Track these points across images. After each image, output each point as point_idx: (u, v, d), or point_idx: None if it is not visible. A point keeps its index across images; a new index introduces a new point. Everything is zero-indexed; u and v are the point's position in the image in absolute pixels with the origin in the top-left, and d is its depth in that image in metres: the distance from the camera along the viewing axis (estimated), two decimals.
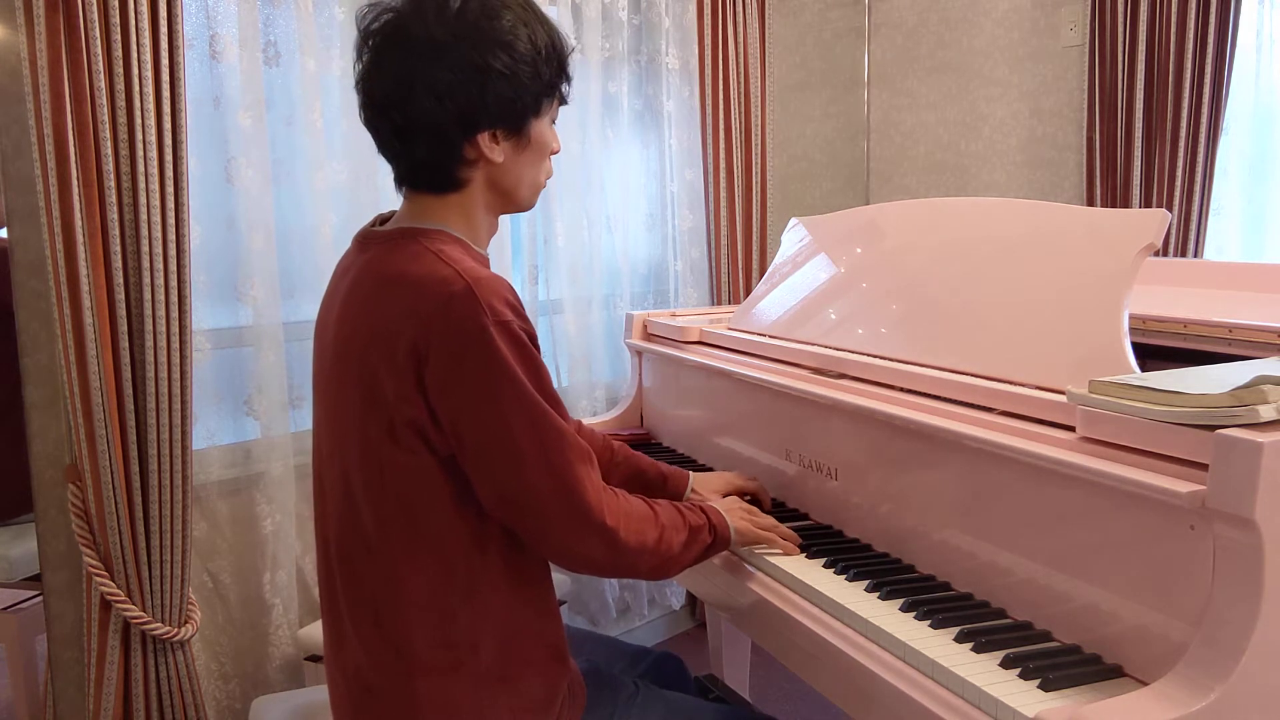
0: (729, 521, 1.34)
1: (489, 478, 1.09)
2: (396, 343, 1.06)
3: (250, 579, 2.08)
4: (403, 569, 1.12)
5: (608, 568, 1.19)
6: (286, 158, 2.09)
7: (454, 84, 1.08)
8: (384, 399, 1.07)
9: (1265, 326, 1.41)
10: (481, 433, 1.07)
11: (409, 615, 1.12)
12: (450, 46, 1.08)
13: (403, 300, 1.07)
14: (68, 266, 1.66)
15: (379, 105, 1.12)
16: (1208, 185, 2.41)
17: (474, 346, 1.04)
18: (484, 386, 1.05)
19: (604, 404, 2.71)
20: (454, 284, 1.05)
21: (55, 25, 1.60)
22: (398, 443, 1.08)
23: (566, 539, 1.13)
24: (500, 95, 1.11)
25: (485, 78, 1.09)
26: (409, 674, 1.13)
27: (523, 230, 2.56)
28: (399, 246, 1.13)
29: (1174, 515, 0.96)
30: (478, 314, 1.04)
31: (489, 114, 1.12)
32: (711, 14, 2.81)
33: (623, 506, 1.17)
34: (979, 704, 0.99)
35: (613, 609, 2.83)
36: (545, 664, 1.20)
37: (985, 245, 1.48)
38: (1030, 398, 1.19)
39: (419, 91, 1.08)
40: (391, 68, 1.10)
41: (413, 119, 1.10)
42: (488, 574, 1.14)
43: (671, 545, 1.22)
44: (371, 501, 1.12)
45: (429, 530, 1.11)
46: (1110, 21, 2.52)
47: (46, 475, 1.81)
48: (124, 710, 1.81)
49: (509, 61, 1.10)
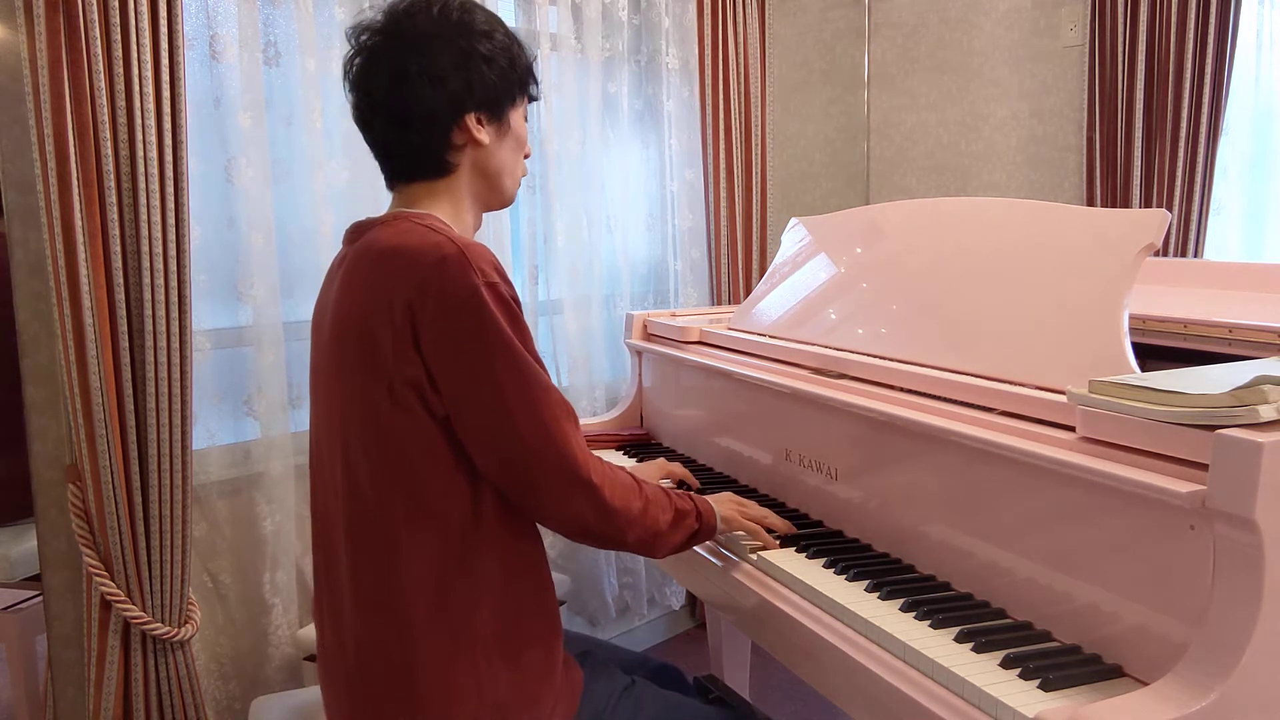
0: (715, 509, 1.38)
1: (480, 434, 1.13)
2: (394, 305, 1.10)
3: (250, 579, 2.08)
4: (401, 537, 1.14)
5: (596, 532, 1.21)
6: (286, 158, 2.09)
7: (445, 68, 1.19)
8: (384, 361, 1.11)
9: (1265, 326, 1.41)
10: (473, 388, 1.11)
11: (407, 586, 1.14)
12: (439, 37, 1.20)
13: (397, 266, 1.12)
14: (68, 266, 1.66)
15: (376, 97, 1.21)
16: (1208, 185, 2.41)
17: (467, 305, 1.09)
18: (475, 343, 1.10)
19: (604, 404, 2.70)
20: (446, 248, 1.11)
21: (55, 25, 1.60)
22: (397, 404, 1.12)
23: (555, 495, 1.17)
24: (485, 79, 1.22)
25: (472, 61, 1.21)
26: (407, 647, 1.14)
27: (523, 230, 2.55)
28: (389, 226, 1.20)
29: (1174, 515, 0.96)
30: (469, 275, 1.10)
31: (474, 97, 1.22)
32: (711, 14, 2.81)
33: (607, 469, 1.22)
34: (979, 704, 0.99)
35: (612, 609, 2.83)
36: (543, 642, 1.22)
37: (985, 245, 1.48)
38: (1030, 398, 1.19)
39: (414, 78, 1.18)
40: (387, 61, 1.20)
41: (408, 104, 1.19)
42: (484, 545, 1.16)
43: (658, 521, 1.26)
44: (371, 468, 1.14)
45: (426, 497, 1.14)
46: (1110, 21, 2.52)
47: (46, 475, 1.81)
48: (124, 710, 1.81)
49: (491, 48, 1.23)
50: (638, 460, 1.92)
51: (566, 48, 2.56)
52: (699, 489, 1.67)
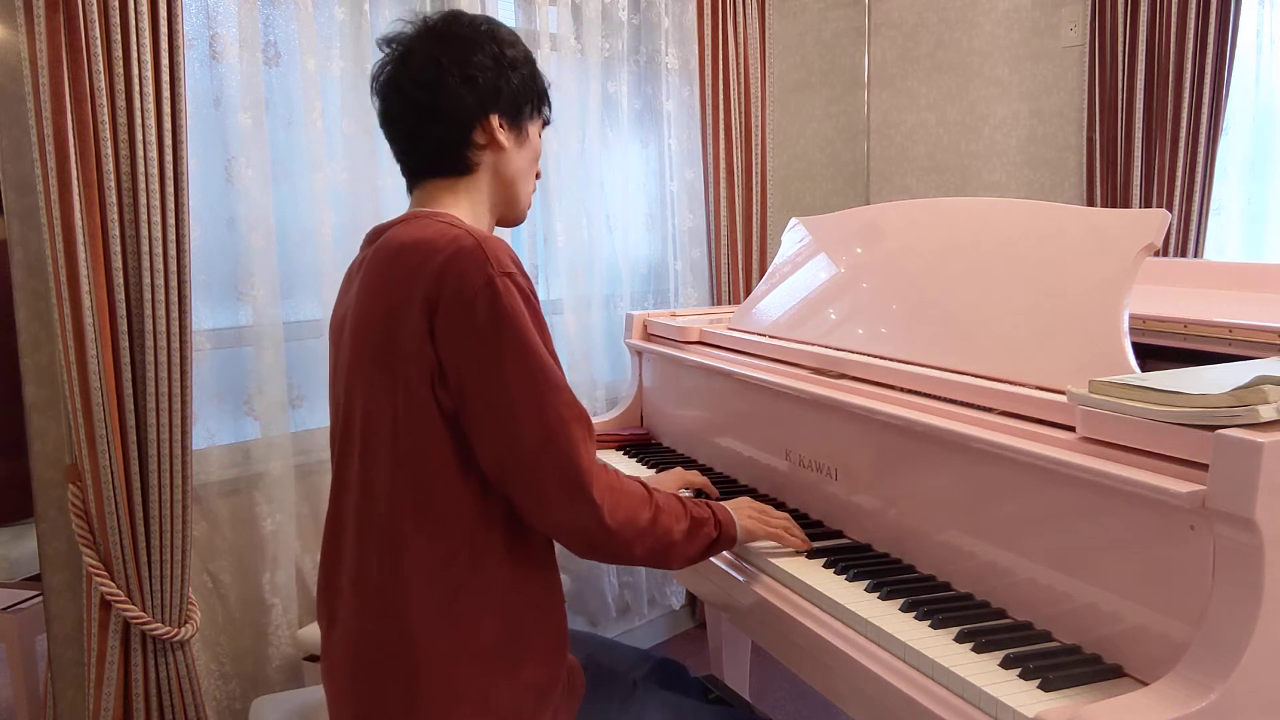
0: (736, 519, 1.34)
1: (483, 430, 1.11)
2: (413, 298, 1.10)
3: (250, 579, 2.08)
4: (410, 539, 1.13)
5: (602, 544, 1.17)
6: (286, 158, 2.09)
7: (480, 67, 1.23)
8: (403, 356, 1.11)
9: (1265, 326, 1.41)
10: (479, 380, 1.10)
11: (413, 588, 1.13)
12: (473, 40, 1.25)
13: (416, 260, 1.12)
14: (68, 266, 1.66)
15: (407, 91, 1.23)
16: (1208, 185, 2.42)
17: (482, 294, 1.08)
18: (488, 334, 1.09)
19: (604, 404, 2.71)
20: (464, 240, 1.11)
21: (55, 25, 1.60)
22: (411, 400, 1.11)
23: (557, 506, 1.13)
24: (511, 83, 1.26)
25: (501, 65, 1.25)
26: (410, 649, 1.13)
27: (523, 230, 2.56)
28: (408, 224, 1.20)
29: (1174, 515, 0.96)
30: (485, 265, 1.09)
31: (500, 99, 1.26)
32: (711, 14, 2.81)
33: (613, 482, 1.17)
34: (979, 704, 0.99)
35: (612, 609, 2.83)
36: (546, 649, 1.20)
37: (985, 245, 1.48)
38: (1030, 398, 1.19)
39: (448, 74, 1.22)
40: (422, 56, 1.23)
41: (438, 98, 1.22)
42: (492, 551, 1.15)
43: (670, 531, 1.21)
44: (386, 467, 1.14)
45: (436, 499, 1.13)
46: (1110, 21, 2.52)
47: (46, 475, 1.81)
48: (124, 710, 1.81)
49: (517, 56, 1.28)
50: (639, 461, 1.92)
51: (566, 48, 2.56)
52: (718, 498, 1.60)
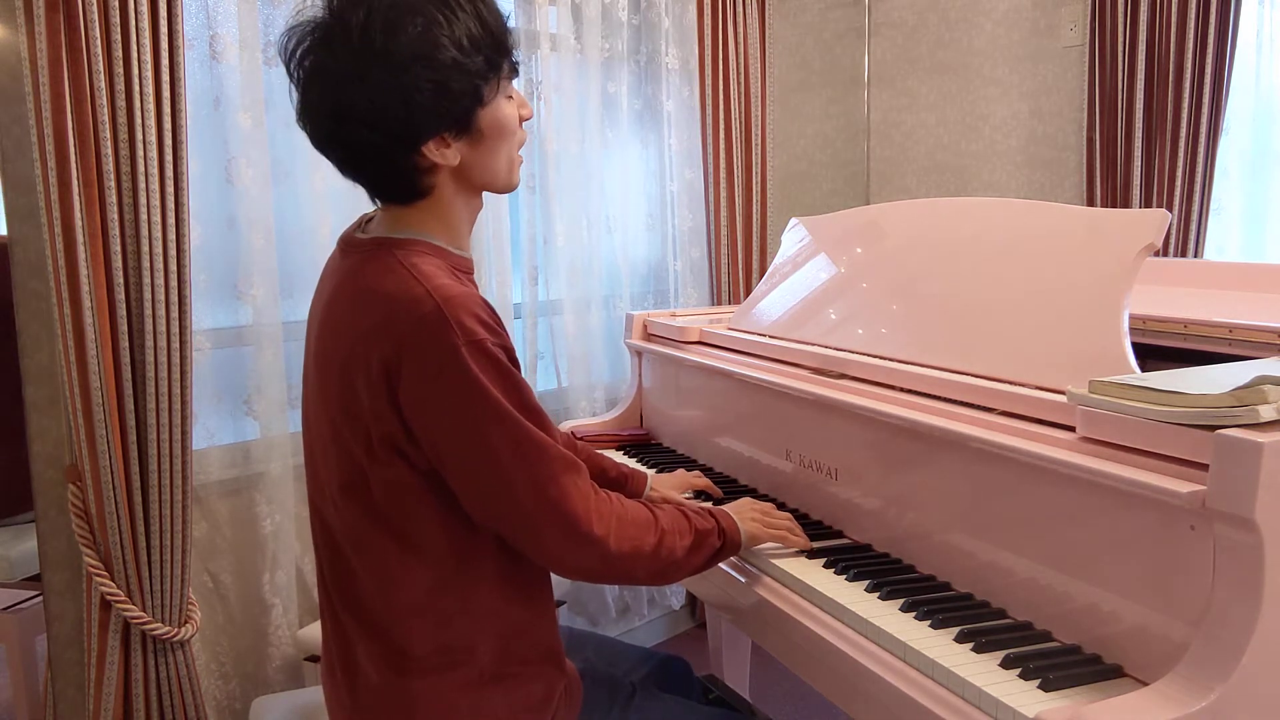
0: (740, 525, 1.33)
1: (474, 496, 1.10)
2: (370, 358, 1.05)
3: (250, 579, 2.08)
4: (395, 574, 1.12)
5: (603, 575, 1.19)
6: (286, 158, 2.09)
7: (378, 109, 1.05)
8: (361, 413, 1.08)
9: (1265, 326, 1.41)
10: (463, 453, 1.07)
11: (405, 618, 1.13)
12: (364, 74, 1.04)
13: (375, 315, 1.06)
14: (68, 266, 1.66)
15: (319, 139, 1.11)
16: (1208, 185, 2.41)
17: (447, 368, 1.03)
18: (460, 408, 1.05)
19: (604, 404, 2.70)
20: (424, 305, 1.03)
21: (55, 25, 1.60)
22: (375, 457, 1.08)
23: (557, 551, 1.13)
24: (427, 108, 1.06)
25: (406, 95, 1.05)
26: (405, 674, 1.13)
27: (522, 230, 2.55)
28: (374, 258, 1.12)
29: (1174, 515, 0.96)
30: (448, 335, 1.03)
31: (425, 126, 1.08)
32: (711, 14, 2.81)
33: (615, 511, 1.15)
34: (979, 704, 0.99)
35: (612, 609, 2.83)
36: (542, 665, 1.20)
37: (985, 245, 1.48)
38: (1030, 398, 1.19)
39: (349, 122, 1.06)
40: (318, 103, 1.08)
41: (352, 148, 1.10)
42: (482, 579, 1.15)
43: (674, 550, 1.20)
44: (359, 508, 1.12)
45: (417, 539, 1.12)
46: (1110, 21, 2.52)
47: (46, 475, 1.81)
48: (124, 710, 1.81)
49: (427, 73, 1.05)
50: (639, 461, 1.92)
51: (566, 48, 2.56)
52: (721, 500, 1.60)
